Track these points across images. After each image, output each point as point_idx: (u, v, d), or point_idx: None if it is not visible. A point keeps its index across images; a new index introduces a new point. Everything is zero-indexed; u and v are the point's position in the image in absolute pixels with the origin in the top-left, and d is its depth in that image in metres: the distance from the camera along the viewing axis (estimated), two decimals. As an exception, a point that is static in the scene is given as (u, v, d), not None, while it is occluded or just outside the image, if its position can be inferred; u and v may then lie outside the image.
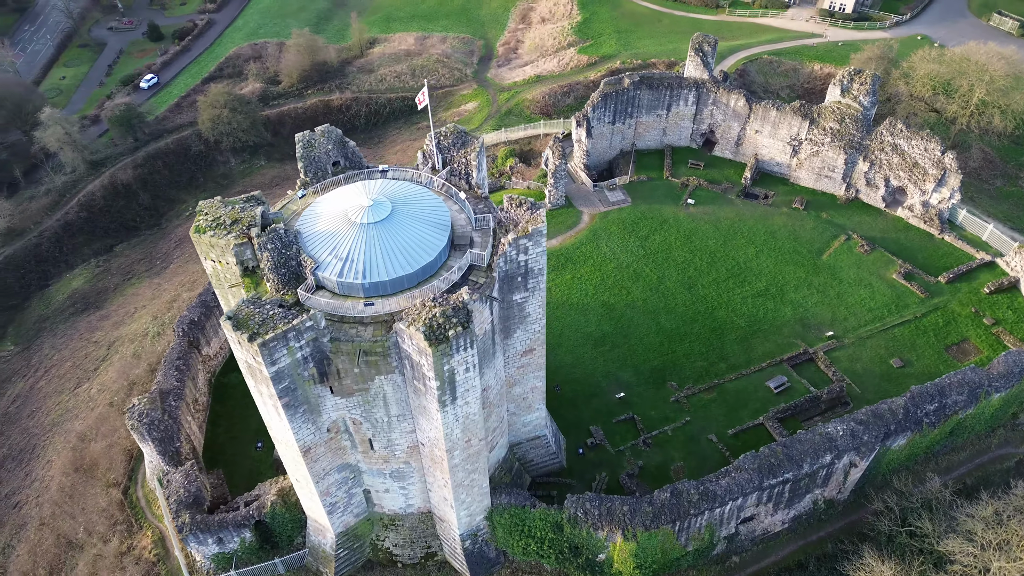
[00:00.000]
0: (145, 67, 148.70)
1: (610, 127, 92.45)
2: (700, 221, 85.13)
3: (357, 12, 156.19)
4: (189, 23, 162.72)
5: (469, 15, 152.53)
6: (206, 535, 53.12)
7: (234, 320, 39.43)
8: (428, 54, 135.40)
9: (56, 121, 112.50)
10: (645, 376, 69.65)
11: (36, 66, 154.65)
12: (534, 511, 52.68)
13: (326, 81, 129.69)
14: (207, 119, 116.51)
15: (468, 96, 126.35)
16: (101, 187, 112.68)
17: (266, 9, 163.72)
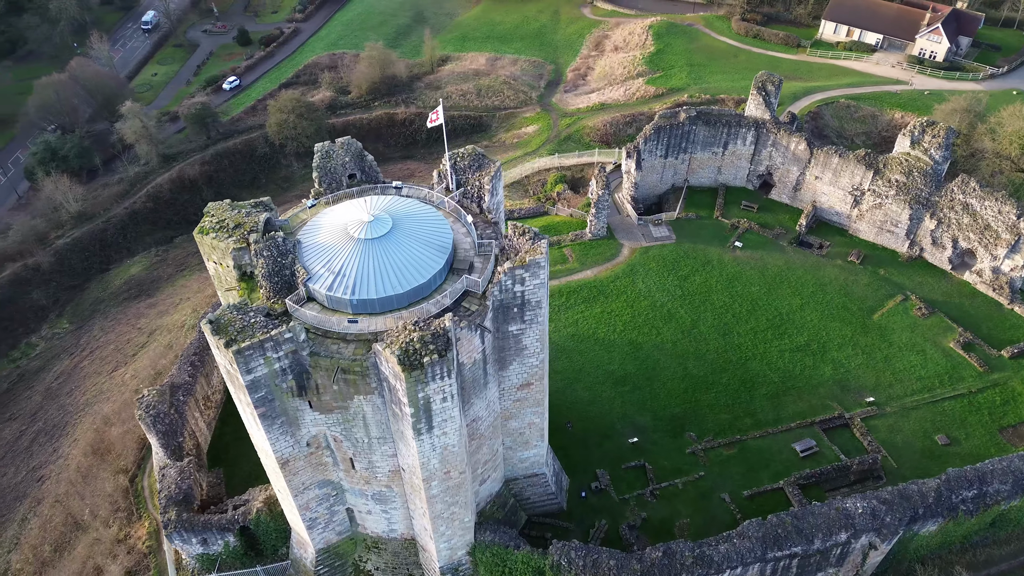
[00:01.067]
0: (230, 69, 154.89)
1: (662, 161, 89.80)
2: (746, 266, 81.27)
3: (433, 30, 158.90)
4: (276, 30, 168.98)
5: (543, 39, 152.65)
6: (190, 534, 53.16)
7: (214, 324, 39.22)
8: (496, 75, 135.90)
9: (135, 114, 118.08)
10: (663, 423, 66.39)
11: (132, 62, 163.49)
12: (517, 553, 50.39)
13: (394, 95, 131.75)
14: (274, 123, 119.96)
15: (530, 119, 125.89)
16: (169, 180, 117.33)
17: (349, 21, 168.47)
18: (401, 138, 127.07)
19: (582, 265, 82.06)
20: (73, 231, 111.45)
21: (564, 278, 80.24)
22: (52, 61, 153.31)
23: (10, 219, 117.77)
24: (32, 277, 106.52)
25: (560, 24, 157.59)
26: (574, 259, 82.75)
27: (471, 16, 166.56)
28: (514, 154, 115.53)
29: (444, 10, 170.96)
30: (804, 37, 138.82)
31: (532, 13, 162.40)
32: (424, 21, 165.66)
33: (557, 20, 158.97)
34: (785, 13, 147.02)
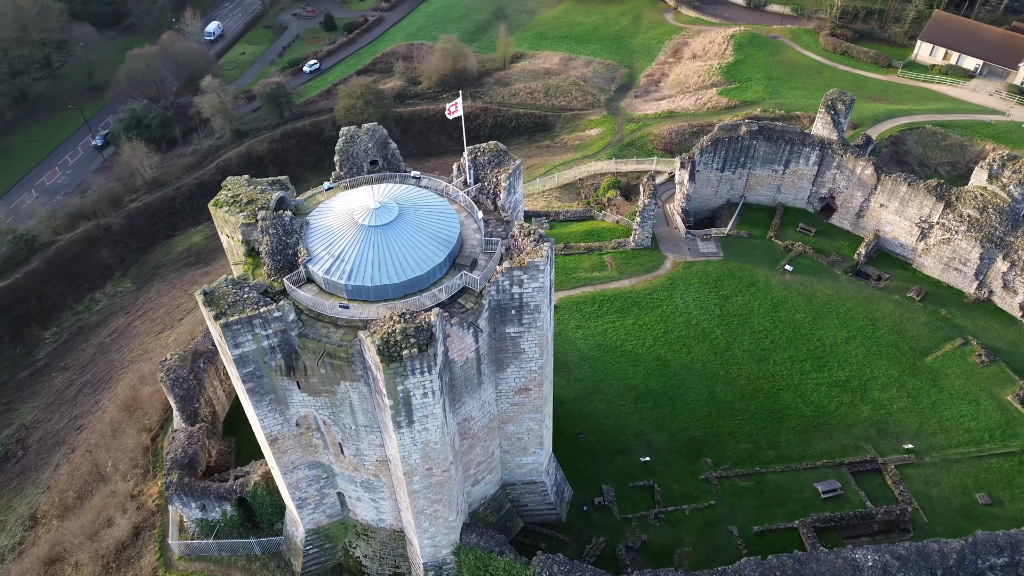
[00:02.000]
0: (312, 53, 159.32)
1: (718, 174, 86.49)
2: (793, 291, 77.31)
3: (511, 26, 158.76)
4: (361, 18, 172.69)
5: (621, 43, 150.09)
6: (190, 499, 54.47)
7: (208, 296, 39.78)
8: (567, 75, 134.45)
9: (213, 89, 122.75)
10: (680, 445, 63.81)
11: (223, 40, 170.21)
12: (500, 559, 49.28)
13: (462, 88, 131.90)
14: (343, 107, 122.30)
15: (595, 122, 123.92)
16: (238, 155, 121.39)
17: (432, 13, 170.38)
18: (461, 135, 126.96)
19: (620, 274, 79.94)
20: (145, 196, 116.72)
21: (600, 285, 78.37)
22: (151, 34, 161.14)
23: (92, 180, 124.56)
24: (103, 236, 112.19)
25: (640, 28, 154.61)
26: (613, 267, 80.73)
27: (551, 15, 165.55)
28: (573, 156, 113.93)
29: (526, 7, 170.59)
30: (896, 57, 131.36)
31: (613, 16, 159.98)
32: (504, 17, 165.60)
33: (638, 24, 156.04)
34: (879, 31, 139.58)
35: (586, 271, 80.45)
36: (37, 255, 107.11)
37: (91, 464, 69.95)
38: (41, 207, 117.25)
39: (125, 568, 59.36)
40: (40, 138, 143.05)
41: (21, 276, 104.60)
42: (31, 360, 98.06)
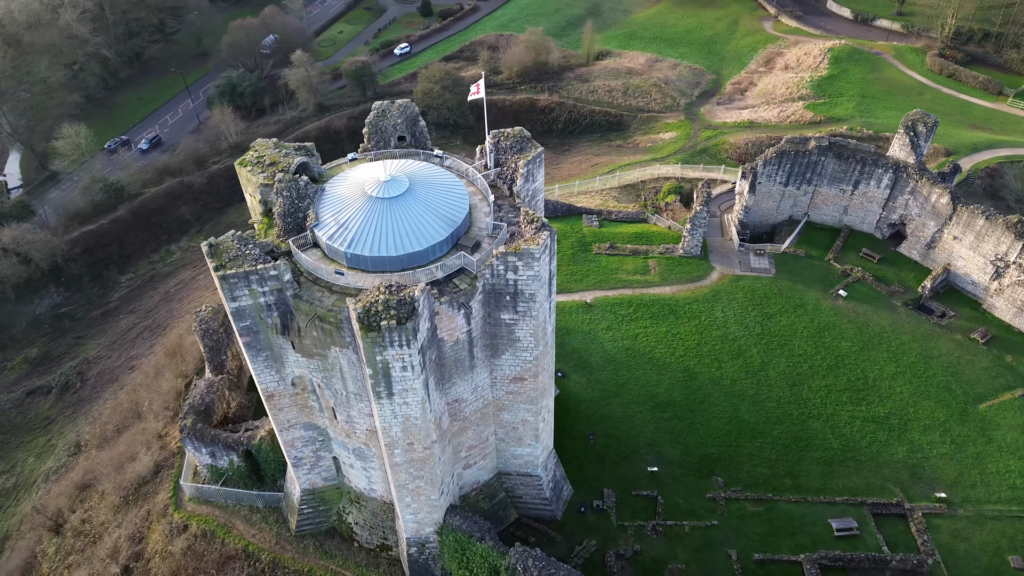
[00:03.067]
0: (405, 36, 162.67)
1: (781, 188, 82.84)
2: (843, 317, 73.23)
3: (602, 24, 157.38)
4: (456, 5, 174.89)
5: (712, 48, 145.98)
6: (200, 444, 56.98)
7: (213, 247, 41.40)
8: (650, 76, 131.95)
9: (302, 63, 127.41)
10: (692, 460, 61.75)
11: (324, 18, 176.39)
12: (479, 545, 49.12)
13: (542, 81, 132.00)
14: (421, 91, 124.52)
15: (671, 125, 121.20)
16: (317, 128, 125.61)
17: (527, 5, 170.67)
18: (538, 125, 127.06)
19: (663, 280, 77.92)
20: (227, 159, 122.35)
21: (639, 289, 76.67)
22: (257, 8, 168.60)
23: (185, 140, 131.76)
24: (184, 193, 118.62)
25: (735, 35, 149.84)
26: (656, 272, 78.78)
27: (646, 15, 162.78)
28: (641, 158, 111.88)
29: (621, 6, 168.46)
30: (1009, 85, 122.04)
31: (709, 20, 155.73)
32: (597, 14, 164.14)
33: (733, 31, 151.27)
34: (993, 56, 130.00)
35: (628, 273, 78.87)
36: (124, 204, 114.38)
37: (132, 402, 74.30)
38: (135, 161, 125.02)
39: (142, 501, 62.79)
40: (147, 97, 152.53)
41: (107, 222, 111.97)
42: (105, 301, 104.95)
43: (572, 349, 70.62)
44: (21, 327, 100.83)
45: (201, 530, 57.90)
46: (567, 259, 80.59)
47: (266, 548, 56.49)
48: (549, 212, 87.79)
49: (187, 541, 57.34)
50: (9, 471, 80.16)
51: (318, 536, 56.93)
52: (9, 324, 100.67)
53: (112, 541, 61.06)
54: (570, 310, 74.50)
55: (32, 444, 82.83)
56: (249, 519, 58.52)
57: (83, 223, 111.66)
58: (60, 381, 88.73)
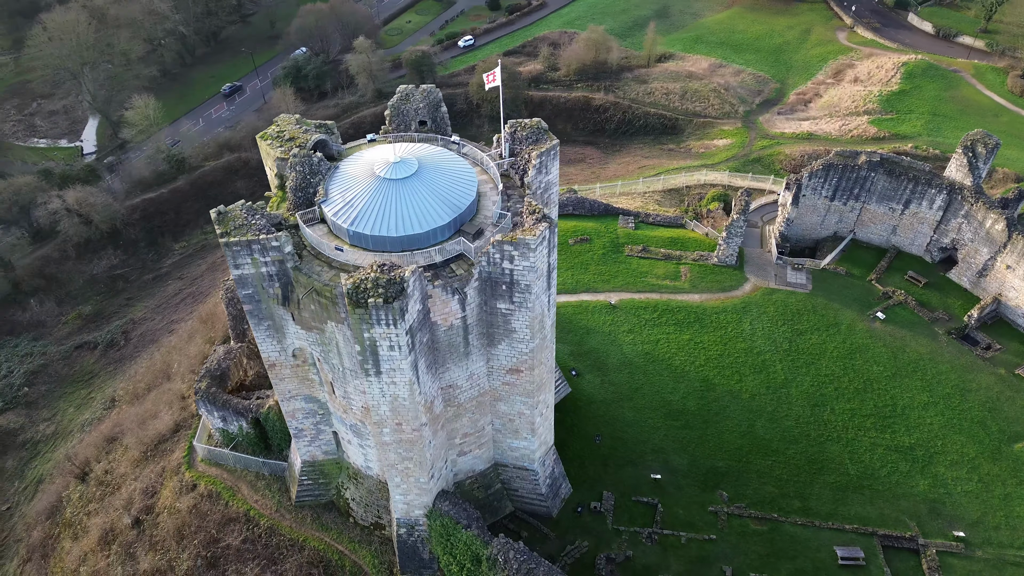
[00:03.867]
0: (470, 29, 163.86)
1: (826, 203, 79.88)
2: (879, 341, 70.18)
3: (669, 26, 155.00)
4: (525, 1, 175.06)
5: (780, 56, 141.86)
6: (212, 407, 58.83)
7: (220, 215, 42.64)
8: (710, 81, 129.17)
9: (363, 49, 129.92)
10: (699, 472, 60.30)
11: (394, 7, 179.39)
12: (464, 532, 49.18)
13: (599, 80, 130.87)
14: (476, 83, 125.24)
15: (727, 132, 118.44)
16: (372, 114, 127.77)
17: (594, 4, 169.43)
18: (591, 123, 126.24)
19: (693, 287, 76.25)
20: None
21: (667, 294, 75.23)
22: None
23: (248, 118, 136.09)
24: (241, 168, 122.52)
25: (806, 44, 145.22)
26: (687, 279, 77.15)
27: (715, 19, 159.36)
28: (691, 163, 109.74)
29: (691, 9, 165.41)
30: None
31: (780, 28, 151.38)
32: (665, 16, 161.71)
33: (804, 40, 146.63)
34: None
35: (657, 277, 77.50)
36: (184, 175, 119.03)
37: (164, 363, 77.33)
38: (199, 135, 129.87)
39: (159, 458, 65.32)
40: (219, 75, 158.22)
41: (167, 191, 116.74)
42: (157, 266, 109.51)
43: (590, 348, 69.90)
44: (79, 284, 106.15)
45: (208, 490, 59.81)
46: (597, 259, 79.78)
47: (266, 514, 57.97)
48: (586, 210, 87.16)
49: (194, 500, 59.34)
50: (51, 419, 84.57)
51: (317, 508, 58.08)
52: (68, 281, 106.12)
53: (128, 493, 63.75)
54: (593, 310, 73.72)
55: (74, 395, 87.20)
56: (254, 485, 60.14)
57: (144, 191, 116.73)
58: (106, 338, 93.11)
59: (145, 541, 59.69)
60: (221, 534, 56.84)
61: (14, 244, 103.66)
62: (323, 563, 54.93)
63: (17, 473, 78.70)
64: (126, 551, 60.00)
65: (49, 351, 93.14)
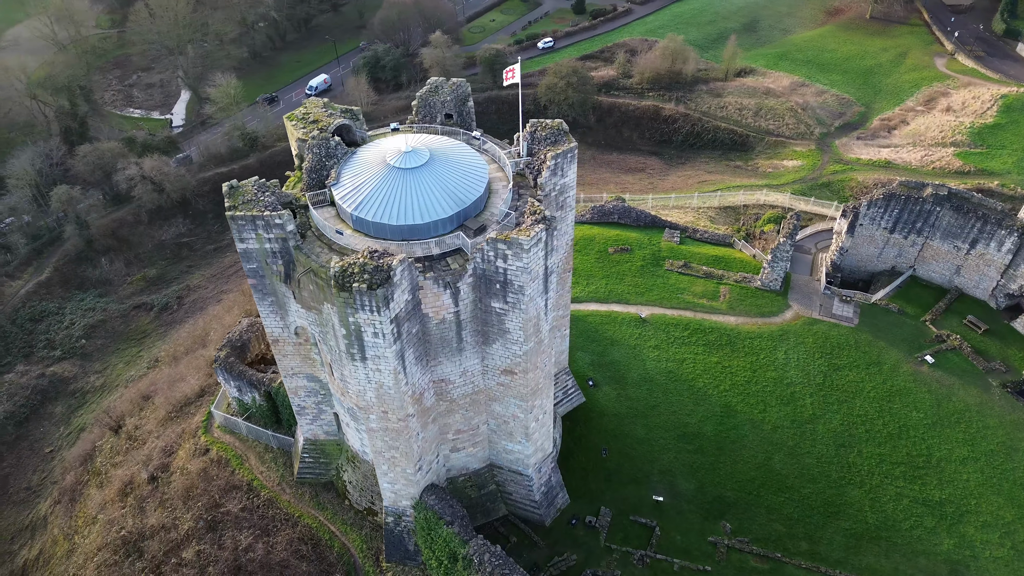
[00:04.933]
0: (551, 31, 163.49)
1: (885, 234, 75.44)
2: (923, 386, 65.76)
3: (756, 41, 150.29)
4: (611, 6, 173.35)
5: (869, 79, 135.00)
6: (229, 376, 60.69)
7: (232, 189, 43.83)
8: (788, 99, 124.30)
9: (439, 44, 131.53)
10: (704, 499, 57.99)
11: (480, 5, 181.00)
12: (445, 528, 48.87)
13: (671, 90, 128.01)
14: (544, 85, 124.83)
15: (798, 154, 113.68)
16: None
17: (681, 14, 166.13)
18: (658, 133, 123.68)
19: (730, 309, 73.48)
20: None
21: (701, 313, 72.78)
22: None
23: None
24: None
25: (899, 69, 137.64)
26: (725, 300, 74.42)
27: (805, 37, 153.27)
28: (755, 182, 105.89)
29: (781, 25, 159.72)
30: None
31: (874, 49, 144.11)
32: (754, 30, 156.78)
33: (898, 64, 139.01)
34: None
35: (694, 295, 75.08)
36: (255, 153, 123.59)
37: (203, 330, 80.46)
38: (275, 118, 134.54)
39: (181, 420, 67.97)
40: (304, 60, 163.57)
41: (237, 167, 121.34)
42: (220, 237, 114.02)
43: (612, 360, 68.37)
44: (147, 248, 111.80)
45: (219, 456, 61.77)
46: (634, 270, 77.99)
47: (268, 486, 59.37)
48: (632, 220, 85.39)
49: (204, 463, 61.40)
50: (101, 372, 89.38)
51: (316, 486, 59.06)
52: (138, 244, 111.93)
53: (149, 450, 66.58)
54: (622, 321, 72.09)
55: (125, 352, 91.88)
56: (262, 456, 61.73)
57: (218, 165, 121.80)
58: (162, 301, 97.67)
59: (157, 497, 62.13)
60: (223, 500, 58.54)
61: (92, 205, 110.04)
62: (313, 541, 55.79)
63: (63, 419, 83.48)
64: (139, 505, 62.61)
65: (110, 308, 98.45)
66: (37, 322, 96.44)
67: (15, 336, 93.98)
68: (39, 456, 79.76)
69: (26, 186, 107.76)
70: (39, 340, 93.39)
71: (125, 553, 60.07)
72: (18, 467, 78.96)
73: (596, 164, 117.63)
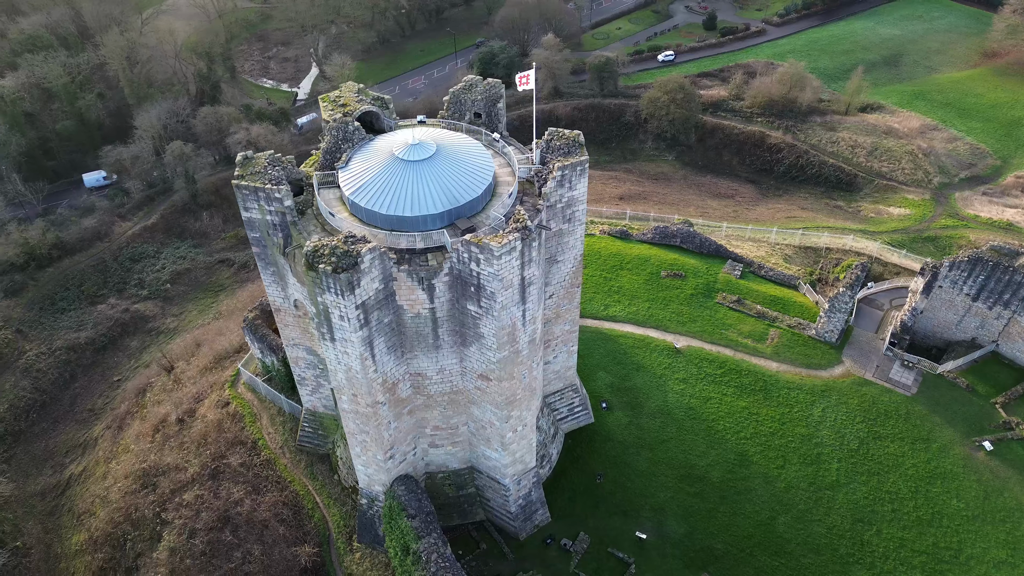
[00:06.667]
0: (675, 45, 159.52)
1: (967, 301, 68.08)
2: (972, 473, 59.01)
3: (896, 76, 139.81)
4: (743, 25, 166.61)
5: (1014, 130, 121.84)
6: (252, 337, 63.80)
7: (245, 159, 45.97)
8: (911, 142, 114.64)
9: (549, 46, 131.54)
10: (692, 545, 54.93)
11: (609, 12, 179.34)
12: (404, 520, 49.09)
13: (782, 118, 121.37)
14: (648, 98, 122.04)
15: (909, 202, 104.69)
16: (540, 111, 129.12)
17: (817, 40, 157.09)
18: (759, 161, 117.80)
19: (775, 354, 68.97)
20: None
21: (743, 354, 68.79)
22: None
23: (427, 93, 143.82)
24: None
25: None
26: (773, 344, 69.91)
27: (952, 77, 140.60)
28: (852, 225, 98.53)
29: (928, 62, 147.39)
30: None
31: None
32: (894, 65, 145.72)
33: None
34: None
35: (740, 333, 71.05)
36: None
37: (248, 300, 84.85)
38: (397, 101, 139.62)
39: (216, 371, 72.24)
40: (428, 50, 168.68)
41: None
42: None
43: (633, 386, 66.00)
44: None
45: (235, 411, 65.19)
46: (682, 297, 74.80)
47: (270, 447, 62.00)
48: (695, 246, 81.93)
49: (221, 415, 64.98)
50: (177, 315, 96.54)
51: (314, 456, 61.04)
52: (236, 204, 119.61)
53: (184, 394, 71.27)
54: (654, 348, 69.37)
55: (202, 301, 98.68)
56: (273, 418, 64.49)
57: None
58: (242, 259, 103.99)
59: (178, 439, 66.44)
60: (228, 452, 61.73)
61: (203, 163, 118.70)
62: (296, 507, 57.73)
63: (135, 353, 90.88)
64: (163, 442, 67.21)
65: (198, 259, 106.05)
66: (136, 262, 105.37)
67: (114, 271, 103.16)
68: (107, 383, 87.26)
69: (150, 138, 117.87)
70: (132, 278, 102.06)
71: (142, 484, 64.74)
72: (88, 389, 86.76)
73: (684, 185, 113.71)
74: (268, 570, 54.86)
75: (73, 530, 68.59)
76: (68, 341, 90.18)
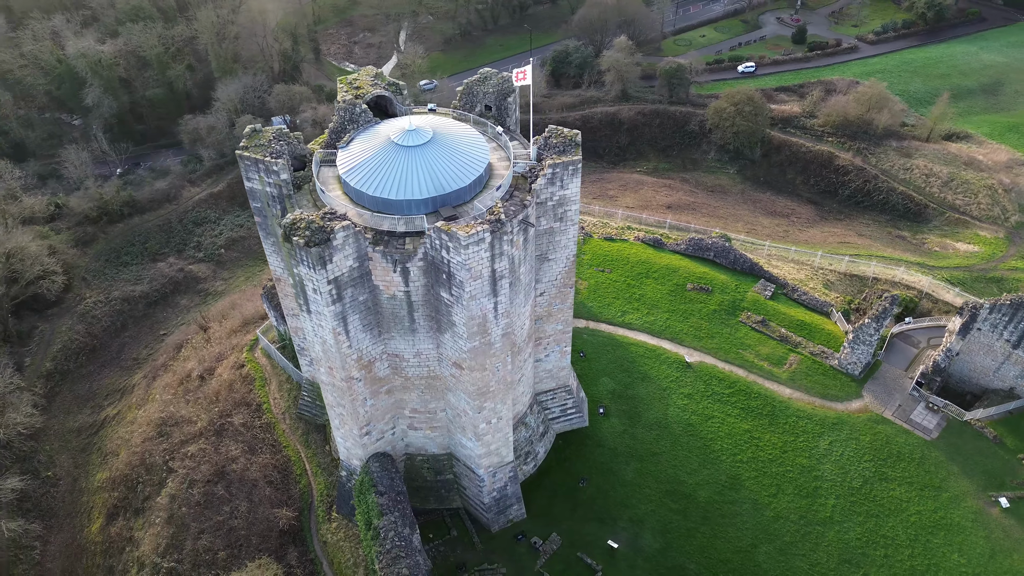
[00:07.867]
0: (758, 56, 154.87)
1: (1007, 348, 63.53)
2: (982, 529, 55.23)
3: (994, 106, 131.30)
4: (835, 41, 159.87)
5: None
6: (270, 305, 66.45)
7: (253, 131, 48.04)
8: (991, 176, 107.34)
9: (621, 48, 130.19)
10: (664, 562, 53.89)
11: (696, 19, 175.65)
12: (373, 496, 50.21)
13: (855, 139, 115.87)
14: (714, 108, 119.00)
15: (980, 239, 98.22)
16: (603, 112, 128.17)
17: (911, 61, 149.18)
18: (823, 182, 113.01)
19: (790, 380, 66.45)
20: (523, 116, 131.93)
21: (756, 376, 66.60)
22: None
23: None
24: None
25: None
26: (790, 369, 67.37)
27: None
28: (913, 257, 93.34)
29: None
30: None
31: None
32: (994, 93, 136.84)
33: None
34: None
35: (757, 355, 68.76)
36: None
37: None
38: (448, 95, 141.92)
39: (241, 334, 75.69)
40: (507, 45, 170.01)
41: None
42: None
43: (634, 395, 65.03)
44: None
45: (247, 374, 68.19)
46: (704, 313, 72.96)
47: (273, 412, 64.55)
48: (728, 261, 79.72)
49: (234, 376, 68.12)
50: (226, 280, 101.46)
51: (312, 425, 63.17)
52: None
53: (210, 352, 75.08)
54: (664, 360, 68.05)
55: (251, 268, 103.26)
56: (282, 385, 67.09)
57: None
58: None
59: (195, 394, 70.10)
60: (233, 411, 64.72)
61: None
62: (285, 471, 59.95)
63: (183, 311, 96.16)
64: (183, 396, 71.05)
65: (254, 228, 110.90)
66: (198, 225, 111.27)
67: (177, 233, 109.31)
68: (154, 335, 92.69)
69: (226, 111, 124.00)
70: (192, 240, 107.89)
71: (159, 432, 68.70)
72: (136, 340, 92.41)
73: (740, 199, 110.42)
74: (250, 527, 57.29)
75: (98, 467, 73.45)
76: (125, 293, 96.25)
